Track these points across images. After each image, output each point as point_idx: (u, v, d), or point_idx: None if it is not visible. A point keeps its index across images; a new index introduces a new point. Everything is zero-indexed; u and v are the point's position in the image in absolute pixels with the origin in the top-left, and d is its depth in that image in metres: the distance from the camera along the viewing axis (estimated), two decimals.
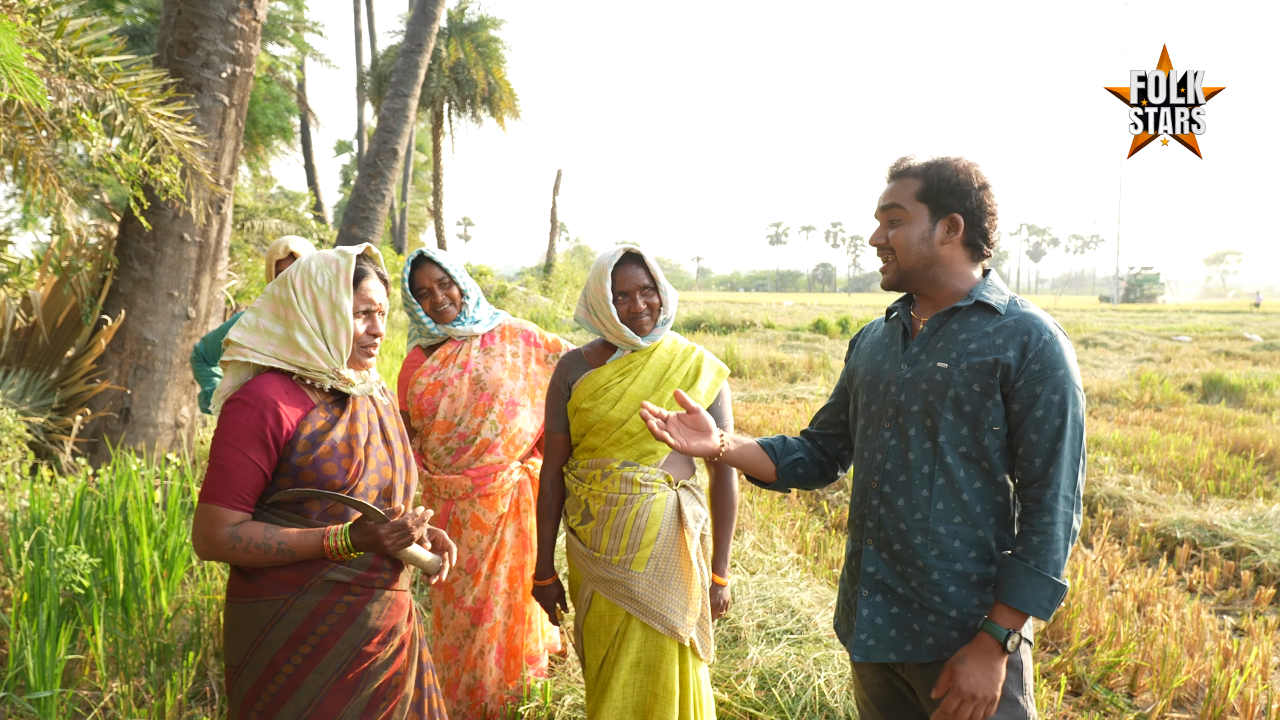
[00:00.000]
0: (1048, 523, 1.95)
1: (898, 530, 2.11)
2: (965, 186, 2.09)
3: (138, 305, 6.29)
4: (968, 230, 2.11)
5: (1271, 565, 5.43)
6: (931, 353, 2.11)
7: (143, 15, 20.42)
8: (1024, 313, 2.05)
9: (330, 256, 2.22)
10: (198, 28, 6.18)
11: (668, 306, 2.86)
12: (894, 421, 2.15)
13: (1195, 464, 7.94)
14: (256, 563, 2.07)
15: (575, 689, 3.74)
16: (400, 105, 14.16)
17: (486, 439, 3.44)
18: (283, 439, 2.09)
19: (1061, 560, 1.94)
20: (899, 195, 2.14)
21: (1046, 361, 1.98)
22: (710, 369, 2.92)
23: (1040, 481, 1.97)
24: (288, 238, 3.84)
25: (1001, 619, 1.96)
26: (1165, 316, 40.21)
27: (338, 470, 2.14)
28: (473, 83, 31.35)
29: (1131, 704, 3.89)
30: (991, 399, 2.01)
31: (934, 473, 2.07)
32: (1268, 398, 12.03)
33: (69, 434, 6.02)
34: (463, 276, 3.50)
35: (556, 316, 23.07)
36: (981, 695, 1.95)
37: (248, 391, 2.11)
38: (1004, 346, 2.01)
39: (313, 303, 2.17)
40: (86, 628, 3.96)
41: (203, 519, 2.06)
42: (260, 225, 16.64)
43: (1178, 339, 22.92)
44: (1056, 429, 1.96)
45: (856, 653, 2.17)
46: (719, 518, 2.99)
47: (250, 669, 2.12)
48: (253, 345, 2.17)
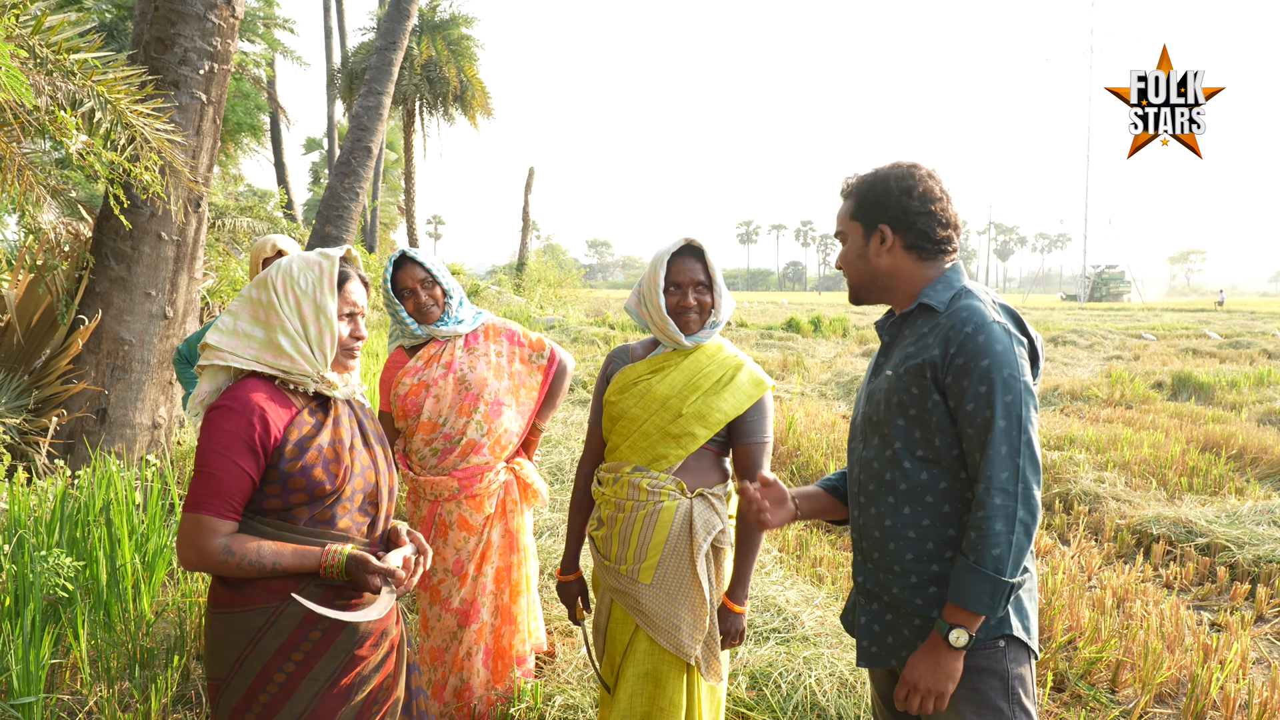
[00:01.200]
0: (982, 518, 1.93)
1: (874, 539, 2.14)
2: (884, 197, 2.13)
3: (114, 305, 6.22)
4: (902, 235, 2.14)
5: (1246, 561, 5.51)
6: (888, 361, 2.17)
7: (110, 10, 20.18)
8: (958, 305, 2.05)
9: (312, 259, 2.19)
10: (175, 24, 6.12)
11: (720, 310, 2.78)
12: (863, 432, 2.20)
13: (1168, 461, 8.04)
14: (248, 577, 2.03)
15: (565, 689, 3.74)
16: (374, 103, 14.06)
17: (472, 439, 3.43)
18: (271, 445, 2.05)
19: (1003, 555, 1.91)
20: (840, 218, 2.24)
21: (970, 354, 1.96)
22: (747, 379, 2.78)
23: (979, 477, 1.96)
24: (274, 236, 3.81)
25: (950, 616, 1.97)
26: (1132, 315, 40.64)
27: (326, 476, 2.11)
28: (445, 80, 31.20)
29: (1114, 699, 3.94)
30: (930, 399, 2.02)
31: (896, 479, 2.09)
32: (1236, 395, 12.19)
33: (45, 435, 5.94)
34: (445, 276, 3.49)
35: (529, 315, 22.98)
36: (925, 687, 1.99)
37: (233, 398, 2.07)
38: (932, 345, 2.03)
39: (296, 305, 2.14)
40: (70, 631, 3.92)
41: (191, 528, 2.00)
42: (231, 224, 16.48)
43: (1145, 337, 23.19)
44: (986, 421, 1.94)
45: (861, 660, 2.20)
46: (742, 541, 2.80)
47: (239, 679, 2.07)
48: (232, 349, 2.13)
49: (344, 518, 2.16)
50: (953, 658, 1.97)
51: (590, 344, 18.20)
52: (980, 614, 1.94)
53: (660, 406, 2.74)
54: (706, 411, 2.73)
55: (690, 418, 2.72)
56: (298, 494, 2.08)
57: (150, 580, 4.51)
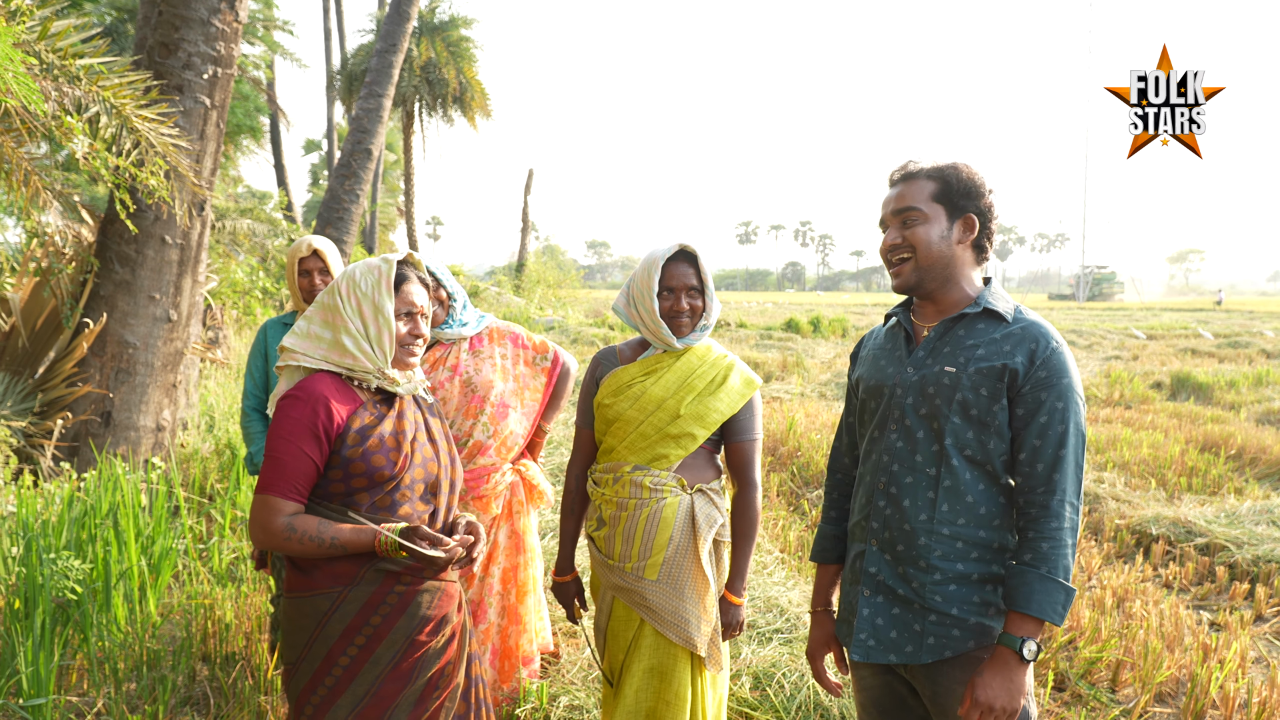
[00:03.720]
0: (1055, 528, 1.98)
1: (903, 531, 2.14)
2: (980, 188, 2.16)
3: (119, 308, 6.25)
4: (980, 231, 2.18)
5: (1245, 561, 5.54)
6: (938, 357, 2.15)
7: (110, 13, 20.18)
8: (1030, 320, 2.11)
9: (374, 263, 2.34)
10: (179, 29, 6.15)
11: (710, 313, 2.85)
12: (900, 424, 2.19)
13: (1167, 461, 8.07)
14: (309, 554, 2.16)
15: (570, 690, 3.77)
16: (374, 105, 14.07)
17: (479, 441, 3.45)
18: (334, 432, 2.20)
19: (1070, 565, 1.97)
20: (914, 197, 2.18)
21: (1053, 369, 2.03)
22: (738, 379, 2.87)
23: (1045, 487, 2.00)
24: (309, 236, 3.85)
25: (1017, 629, 1.98)
26: (1131, 315, 40.69)
27: (386, 463, 2.23)
28: (444, 82, 31.20)
29: (1114, 699, 3.97)
30: (998, 403, 2.05)
31: (940, 475, 2.10)
32: (1235, 395, 12.22)
33: (50, 438, 5.97)
34: (449, 279, 3.51)
35: (529, 316, 23.01)
36: (1000, 707, 1.96)
37: (300, 388, 2.23)
38: (1012, 353, 2.05)
39: (357, 307, 2.30)
40: (78, 634, 3.95)
41: (259, 508, 2.16)
42: (232, 225, 16.44)
43: (1137, 336, 23.26)
44: (1061, 435, 2.00)
45: (856, 652, 2.19)
46: (739, 534, 2.88)
47: (307, 663, 2.20)
48: (304, 350, 2.31)
49: (404, 504, 2.28)
50: (1024, 671, 1.98)
51: (590, 344, 18.23)
52: (1052, 622, 1.97)
53: (656, 408, 2.79)
54: (704, 412, 2.79)
55: (689, 419, 2.78)
56: (358, 479, 2.22)
57: (156, 583, 4.53)
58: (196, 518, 5.76)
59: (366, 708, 2.18)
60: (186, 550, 5.10)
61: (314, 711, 2.19)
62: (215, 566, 4.96)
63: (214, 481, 6.38)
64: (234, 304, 13.27)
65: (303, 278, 3.83)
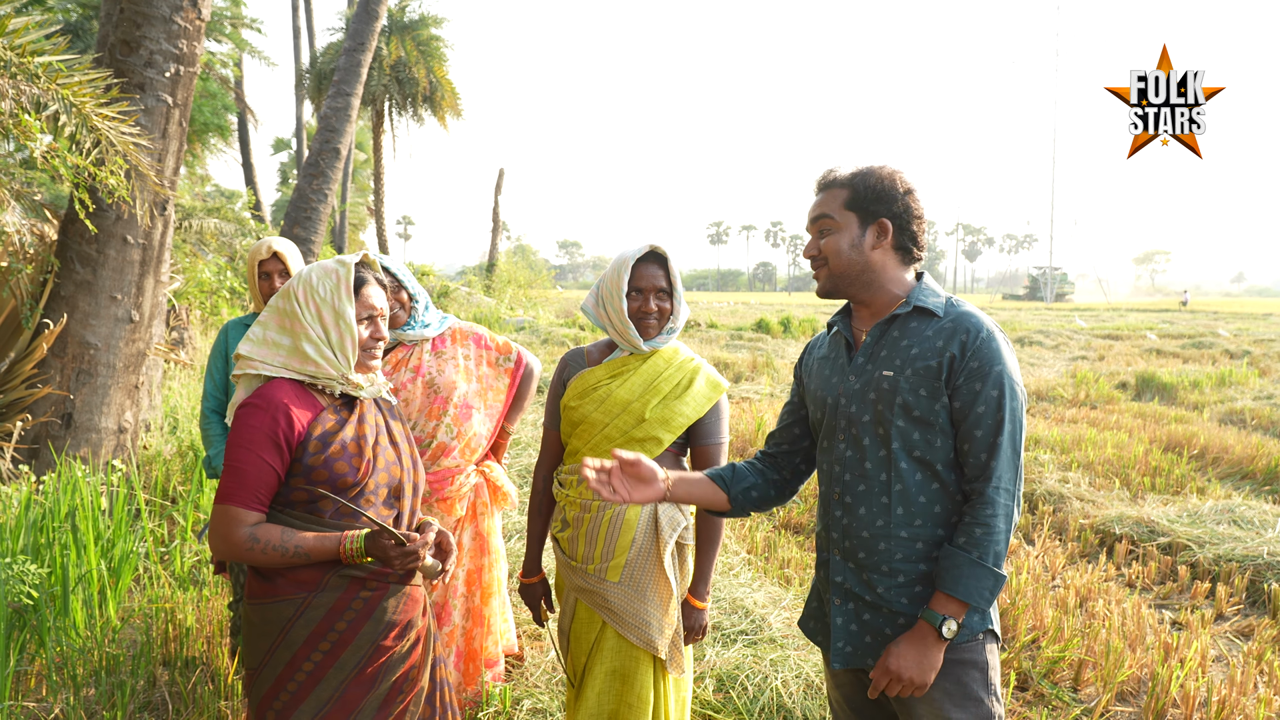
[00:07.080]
0: (989, 515, 2.00)
1: (861, 539, 2.15)
2: (890, 192, 2.16)
3: (80, 308, 6.16)
4: (896, 234, 2.18)
5: (1206, 560, 5.60)
6: (877, 361, 2.17)
7: (75, 9, 19.96)
8: (961, 311, 2.12)
9: (330, 267, 2.30)
10: (140, 26, 6.07)
11: (677, 316, 2.85)
12: (847, 433, 2.20)
13: (1131, 461, 8.15)
14: (273, 564, 2.13)
15: (534, 693, 3.75)
16: (343, 104, 13.97)
17: (443, 442, 3.44)
18: (294, 440, 2.17)
19: (1002, 552, 2.00)
20: (828, 205, 2.21)
21: (984, 358, 2.04)
22: (704, 382, 2.86)
23: (983, 476, 2.02)
24: (270, 238, 3.80)
25: (941, 607, 2.00)
26: (1098, 315, 41.12)
27: (349, 469, 2.21)
28: (414, 81, 31.08)
29: (1076, 698, 4.00)
30: (939, 401, 2.07)
31: (891, 479, 2.12)
32: (1198, 395, 12.37)
33: (9, 440, 5.88)
34: (410, 280, 3.50)
35: (500, 316, 22.98)
36: (909, 678, 2.00)
37: (259, 395, 2.19)
38: (944, 348, 2.07)
39: (317, 313, 2.26)
40: (35, 639, 3.89)
41: (220, 519, 2.13)
42: (198, 225, 16.32)
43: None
44: (996, 423, 2.02)
45: (836, 660, 2.20)
46: (703, 538, 2.88)
47: (270, 669, 2.17)
48: (262, 357, 2.27)
49: (368, 510, 2.25)
50: (939, 649, 2.01)
51: (561, 345, 18.20)
52: (978, 606, 2.00)
53: (622, 411, 2.79)
54: (670, 416, 2.79)
55: (654, 422, 2.78)
56: (321, 486, 2.19)
57: (116, 586, 4.48)
58: (158, 520, 5.70)
59: (330, 713, 2.16)
60: (148, 554, 5.04)
61: (276, 717, 2.16)
62: (177, 570, 4.91)
63: (176, 484, 6.31)
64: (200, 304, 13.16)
65: (263, 280, 3.78)
